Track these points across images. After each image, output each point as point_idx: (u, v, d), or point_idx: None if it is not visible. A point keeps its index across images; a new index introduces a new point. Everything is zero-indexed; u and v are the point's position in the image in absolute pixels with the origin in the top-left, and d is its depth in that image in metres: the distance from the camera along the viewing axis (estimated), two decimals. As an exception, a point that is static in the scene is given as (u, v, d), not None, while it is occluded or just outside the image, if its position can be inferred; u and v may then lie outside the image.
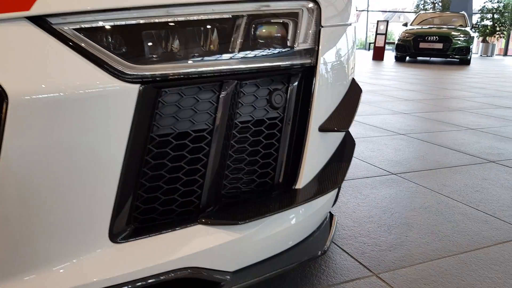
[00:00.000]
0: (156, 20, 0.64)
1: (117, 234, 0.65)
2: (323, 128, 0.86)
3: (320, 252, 0.90)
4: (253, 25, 0.73)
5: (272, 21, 0.76)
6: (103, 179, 0.62)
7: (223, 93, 0.72)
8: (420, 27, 10.35)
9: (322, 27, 0.83)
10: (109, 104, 0.60)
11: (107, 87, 0.59)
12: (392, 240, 1.22)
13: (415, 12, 17.74)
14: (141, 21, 0.63)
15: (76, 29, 0.59)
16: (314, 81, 0.83)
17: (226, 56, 0.70)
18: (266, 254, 0.81)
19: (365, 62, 9.83)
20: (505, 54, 17.74)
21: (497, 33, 15.36)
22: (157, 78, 0.64)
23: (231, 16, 0.71)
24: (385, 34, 10.19)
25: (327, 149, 0.91)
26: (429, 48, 9.62)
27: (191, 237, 0.71)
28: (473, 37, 9.93)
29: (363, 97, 4.11)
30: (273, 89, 0.79)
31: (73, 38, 0.59)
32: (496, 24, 15.21)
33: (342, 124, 0.88)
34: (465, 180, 1.78)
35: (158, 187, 0.70)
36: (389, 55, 13.19)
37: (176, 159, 0.70)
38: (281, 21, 0.78)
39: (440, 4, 17.40)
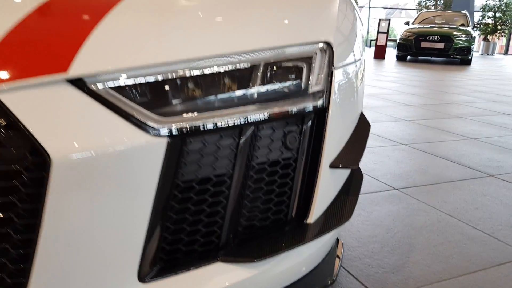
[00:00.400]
0: (181, 74, 0.69)
1: (144, 275, 0.70)
2: (333, 165, 0.91)
3: (329, 281, 0.95)
4: (269, 71, 0.78)
5: (287, 65, 0.81)
6: (134, 226, 0.66)
7: (242, 138, 0.76)
8: (422, 26, 10.36)
9: (334, 68, 0.88)
10: (141, 157, 0.64)
11: (138, 142, 0.64)
12: (395, 262, 1.27)
13: (417, 9, 17.70)
14: (168, 76, 0.68)
15: (109, 87, 0.63)
16: (326, 121, 0.87)
17: (245, 103, 0.75)
18: (279, 286, 0.86)
19: (367, 61, 9.84)
20: (506, 53, 17.75)
21: (498, 31, 15.37)
22: (184, 130, 0.68)
23: (249, 66, 0.75)
24: (387, 32, 10.20)
25: (336, 183, 0.96)
26: (431, 48, 9.65)
27: (211, 275, 0.76)
28: (475, 37, 9.96)
29: (365, 102, 4.15)
30: (288, 131, 0.84)
31: (107, 96, 0.63)
32: (497, 23, 15.21)
33: (352, 161, 0.93)
34: (465, 196, 1.83)
35: (181, 229, 0.74)
36: (390, 52, 13.21)
37: (199, 203, 0.75)
38: (296, 65, 0.82)
39: (442, 1, 17.37)
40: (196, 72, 0.70)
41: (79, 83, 0.61)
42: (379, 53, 10.56)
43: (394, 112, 3.70)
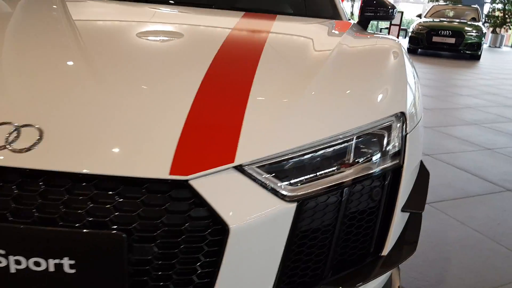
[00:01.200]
0: (304, 153, 0.91)
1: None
2: (404, 210, 1.13)
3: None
4: (359, 143, 0.99)
5: (372, 136, 1.02)
6: (272, 265, 0.89)
7: (343, 196, 0.98)
8: (432, 20, 10.45)
9: (407, 132, 1.09)
10: (281, 218, 0.86)
11: (280, 208, 0.86)
12: (436, 276, 1.50)
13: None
14: (296, 156, 0.90)
15: (257, 167, 0.85)
16: (401, 176, 1.09)
17: (346, 170, 0.96)
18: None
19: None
20: (514, 44, 17.80)
21: (507, 24, 15.39)
22: (306, 195, 0.90)
23: (346, 141, 0.97)
24: (399, 25, 10.30)
25: (403, 222, 1.18)
26: (442, 42, 9.76)
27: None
28: (485, 33, 10.06)
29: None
30: (373, 186, 1.06)
31: (256, 175, 0.85)
32: (506, 16, 15.22)
33: (418, 205, 1.15)
34: (487, 211, 2.06)
35: (297, 266, 0.97)
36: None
37: (310, 246, 0.97)
38: (379, 134, 1.03)
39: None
40: (313, 153, 0.92)
41: (238, 167, 0.83)
42: (390, 46, 10.64)
43: (413, 118, 3.90)
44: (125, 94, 0.91)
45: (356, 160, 0.98)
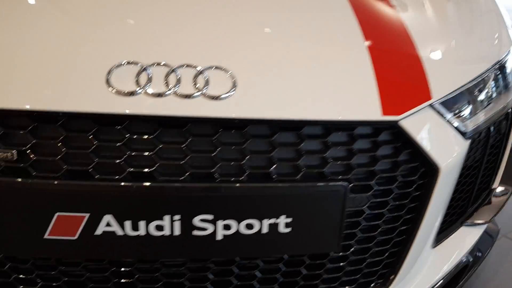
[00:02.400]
0: (471, 90, 0.86)
1: (432, 244, 0.91)
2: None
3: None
4: (497, 77, 0.97)
5: (501, 68, 1.00)
6: (446, 203, 0.86)
7: (491, 130, 0.96)
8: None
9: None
10: (462, 155, 0.81)
11: (462, 145, 0.81)
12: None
13: None
14: (465, 91, 0.85)
15: (440, 104, 0.80)
16: (509, 122, 1.07)
17: (494, 103, 0.94)
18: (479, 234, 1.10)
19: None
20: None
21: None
22: (475, 131, 0.85)
23: (484, 79, 0.92)
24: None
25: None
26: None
27: (463, 236, 0.99)
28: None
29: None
30: (501, 120, 1.04)
31: (443, 112, 0.79)
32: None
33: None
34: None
35: (450, 206, 0.94)
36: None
37: (464, 184, 0.94)
38: (502, 66, 1.01)
39: None
40: (475, 86, 0.87)
41: (431, 105, 0.77)
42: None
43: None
44: (296, 39, 0.77)
45: (498, 94, 0.96)
